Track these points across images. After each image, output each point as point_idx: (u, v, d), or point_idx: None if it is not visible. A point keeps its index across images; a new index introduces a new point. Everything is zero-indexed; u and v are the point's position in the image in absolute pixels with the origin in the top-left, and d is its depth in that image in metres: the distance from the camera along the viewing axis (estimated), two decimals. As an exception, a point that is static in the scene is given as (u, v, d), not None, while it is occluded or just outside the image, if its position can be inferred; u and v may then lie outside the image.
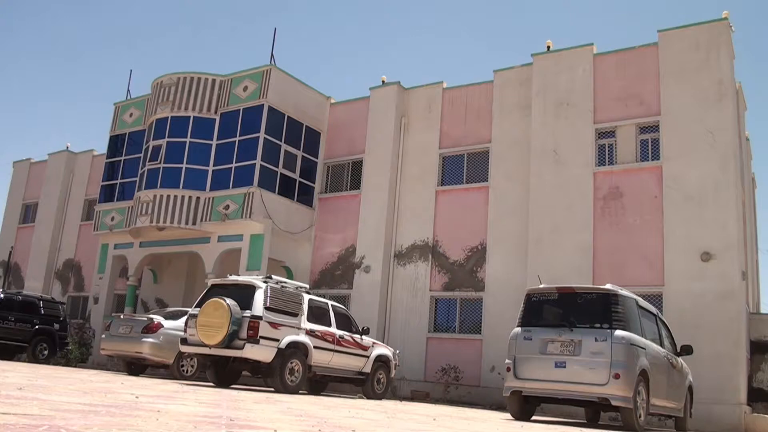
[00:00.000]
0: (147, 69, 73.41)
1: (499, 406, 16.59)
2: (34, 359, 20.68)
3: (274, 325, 12.70)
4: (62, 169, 31.02)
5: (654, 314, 12.16)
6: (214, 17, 75.04)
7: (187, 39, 76.78)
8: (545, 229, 18.47)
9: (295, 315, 13.31)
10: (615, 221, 17.74)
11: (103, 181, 26.05)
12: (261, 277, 13.90)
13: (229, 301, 12.47)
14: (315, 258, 23.00)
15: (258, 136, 21.61)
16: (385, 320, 20.93)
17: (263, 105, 21.86)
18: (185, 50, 76.79)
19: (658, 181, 17.42)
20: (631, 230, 17.46)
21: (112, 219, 24.69)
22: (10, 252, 32.28)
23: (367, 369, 15.13)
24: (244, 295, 12.84)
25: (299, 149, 23.04)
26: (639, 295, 12.35)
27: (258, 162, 21.38)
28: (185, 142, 22.54)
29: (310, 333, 13.54)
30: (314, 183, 23.56)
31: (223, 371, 13.59)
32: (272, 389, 13.14)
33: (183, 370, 16.18)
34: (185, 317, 14.41)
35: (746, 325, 16.81)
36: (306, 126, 23.37)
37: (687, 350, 12.57)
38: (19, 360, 20.94)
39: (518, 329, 11.06)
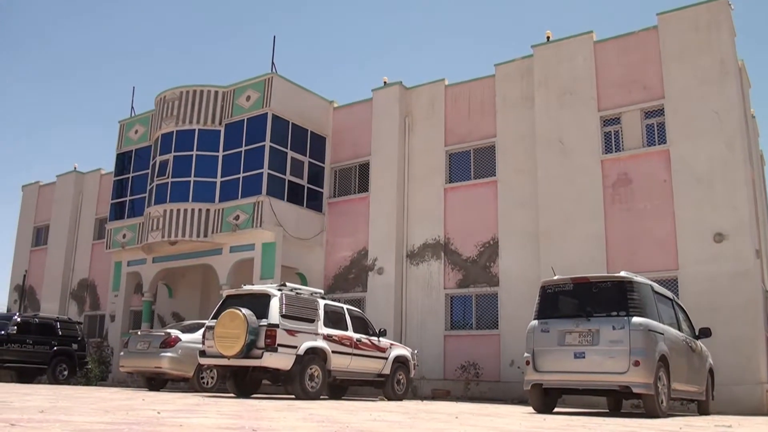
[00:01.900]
0: (149, 85, 73.72)
1: (520, 401, 16.55)
2: (55, 380, 20.77)
3: (291, 332, 12.73)
4: (71, 189, 31.13)
5: (670, 299, 12.11)
6: (212, 28, 75.26)
7: (187, 52, 77.05)
8: (556, 220, 18.42)
9: (311, 321, 13.33)
10: (625, 208, 17.68)
11: (112, 199, 26.15)
12: (275, 285, 13.93)
13: (245, 310, 12.50)
14: (328, 263, 23.02)
15: (264, 145, 21.64)
16: (402, 321, 20.92)
17: (267, 113, 21.89)
18: (186, 63, 77.07)
19: (666, 164, 17.36)
20: (642, 216, 17.40)
21: (124, 236, 24.78)
22: (24, 275, 32.42)
23: (387, 370, 15.13)
24: (259, 304, 12.86)
25: (305, 155, 23.07)
26: (654, 281, 12.32)
27: (265, 170, 21.42)
28: (192, 155, 22.61)
29: (328, 338, 13.56)
30: (322, 188, 23.58)
31: (243, 381, 13.62)
32: (293, 396, 13.16)
33: (203, 383, 16.22)
34: (202, 330, 14.44)
35: (763, 303, 16.70)
36: (311, 132, 23.40)
37: (705, 333, 12.51)
38: (39, 382, 21.03)
39: (535, 322, 11.04)
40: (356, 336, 14.45)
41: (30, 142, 75.44)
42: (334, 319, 14.15)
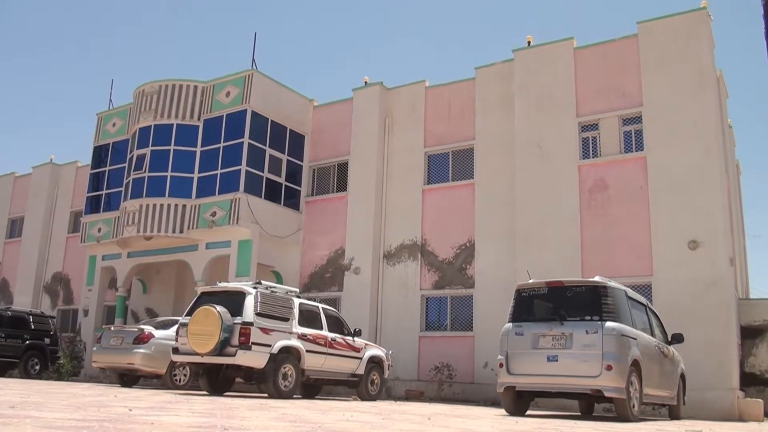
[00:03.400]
0: (128, 77, 73.13)
1: (493, 402, 16.60)
2: (26, 375, 20.56)
3: (266, 331, 12.68)
4: (47, 181, 30.79)
5: (644, 304, 12.22)
6: (193, 23, 74.84)
7: (167, 46, 76.54)
8: (532, 224, 18.50)
9: (286, 320, 13.29)
10: (601, 213, 17.79)
11: (88, 193, 25.91)
12: (250, 282, 13.87)
13: (219, 308, 12.44)
14: (304, 261, 22.96)
15: (242, 142, 21.56)
16: (377, 321, 20.92)
17: (246, 110, 21.79)
18: (166, 57, 76.57)
19: (643, 171, 17.49)
20: (618, 222, 17.51)
21: (99, 230, 24.56)
22: (-2, 267, 32.06)
23: (361, 370, 15.11)
24: (234, 301, 12.80)
25: (284, 153, 22.99)
26: (628, 286, 12.43)
27: (243, 167, 21.33)
28: (169, 150, 22.45)
29: (302, 337, 13.52)
30: (300, 186, 23.51)
31: (216, 379, 13.55)
32: (266, 395, 13.11)
33: (176, 380, 16.10)
34: (176, 326, 14.34)
35: (736, 311, 16.90)
36: (290, 129, 23.32)
37: (678, 338, 12.64)
38: (10, 376, 20.81)
39: (509, 325, 11.09)
40: (331, 335, 14.42)
41: (5, 133, 74.61)
42: (309, 318, 14.11)
